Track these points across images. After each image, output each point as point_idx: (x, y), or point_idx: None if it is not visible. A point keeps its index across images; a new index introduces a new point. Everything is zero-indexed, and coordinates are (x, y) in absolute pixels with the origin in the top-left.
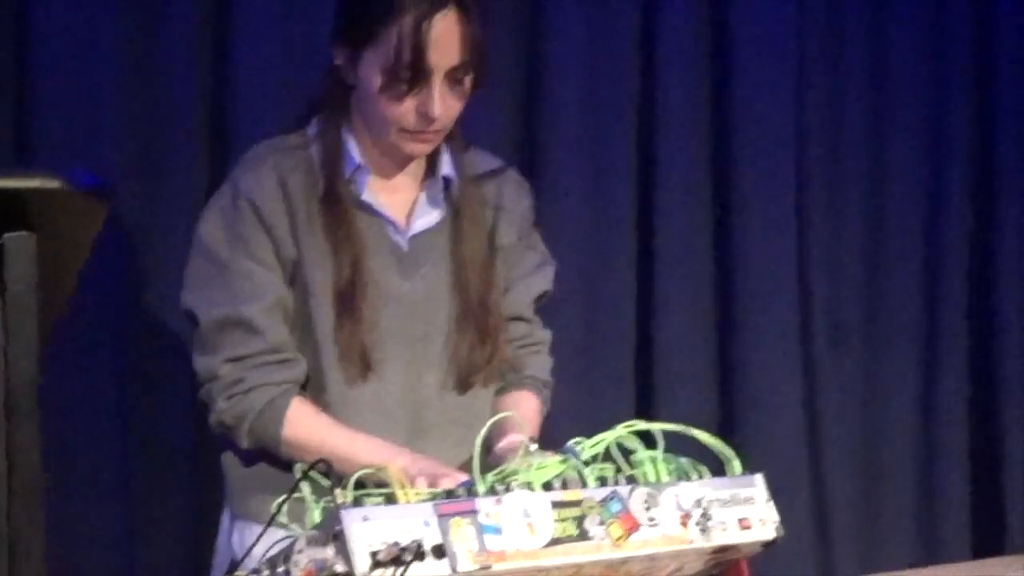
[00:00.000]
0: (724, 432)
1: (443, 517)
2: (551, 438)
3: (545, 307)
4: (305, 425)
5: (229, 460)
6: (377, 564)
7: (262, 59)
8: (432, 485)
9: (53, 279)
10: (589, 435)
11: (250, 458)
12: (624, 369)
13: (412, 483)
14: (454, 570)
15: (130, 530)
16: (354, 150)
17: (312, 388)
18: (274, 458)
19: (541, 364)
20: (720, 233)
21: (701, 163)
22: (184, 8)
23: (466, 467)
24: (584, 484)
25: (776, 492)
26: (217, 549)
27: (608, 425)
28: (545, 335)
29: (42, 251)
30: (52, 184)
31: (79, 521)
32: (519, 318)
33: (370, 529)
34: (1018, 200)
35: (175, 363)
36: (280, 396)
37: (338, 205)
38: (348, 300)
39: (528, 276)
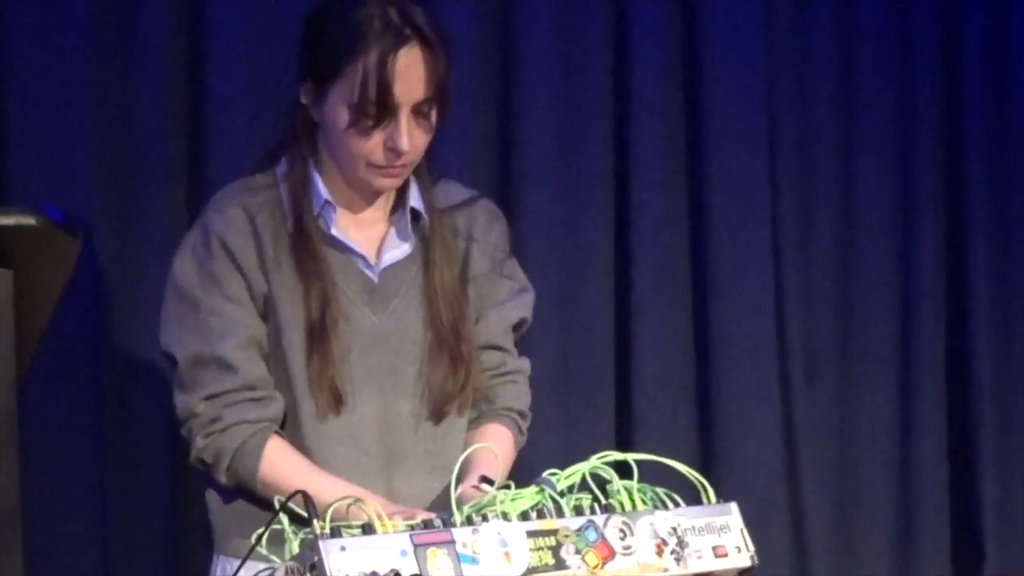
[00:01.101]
0: (703, 463)
1: (420, 547)
2: (530, 467)
3: (521, 339)
4: (281, 465)
5: (212, 497)
6: None
7: (236, 95)
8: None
9: (29, 314)
10: (567, 465)
11: (230, 495)
12: (602, 400)
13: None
14: None
15: (107, 563)
16: (321, 186)
17: (288, 422)
18: (253, 495)
19: (516, 394)
20: (697, 264)
21: (677, 196)
22: (158, 45)
23: (440, 501)
24: (560, 513)
25: (754, 522)
26: None
27: (587, 455)
28: (521, 364)
29: (18, 287)
30: (28, 221)
31: (56, 553)
32: (493, 347)
33: (348, 559)
34: (990, 229)
35: (151, 397)
36: (257, 435)
37: (307, 241)
38: (319, 335)
39: (502, 304)
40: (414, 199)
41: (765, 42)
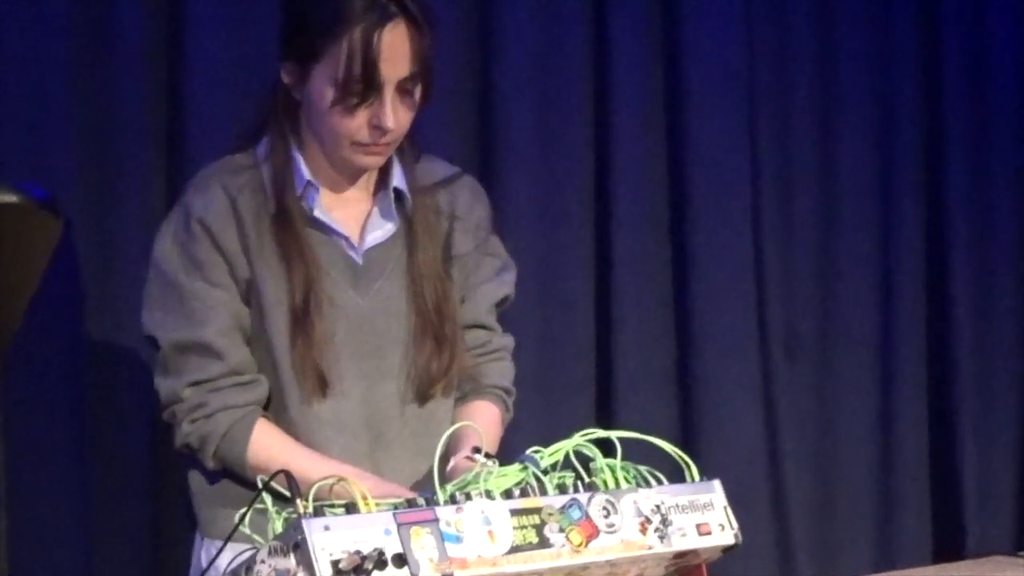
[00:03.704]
0: (684, 441)
1: (404, 526)
2: (511, 446)
3: (503, 315)
4: (269, 447)
5: (195, 480)
6: (338, 573)
7: (216, 75)
8: None
9: (10, 292)
10: (548, 444)
11: (216, 477)
12: (583, 378)
13: None
14: None
15: (88, 546)
16: (303, 167)
17: (273, 406)
18: (239, 477)
19: (501, 371)
20: (677, 243)
21: (657, 176)
22: (136, 24)
23: (426, 481)
24: (544, 492)
25: (736, 500)
26: (192, 568)
27: (567, 434)
28: (506, 341)
29: (0, 265)
30: (11, 198)
31: (37, 537)
32: (478, 325)
33: (331, 538)
34: (970, 209)
35: (132, 378)
36: (244, 418)
37: (290, 223)
38: (302, 318)
39: (486, 283)
40: (397, 179)
41: (745, 14)
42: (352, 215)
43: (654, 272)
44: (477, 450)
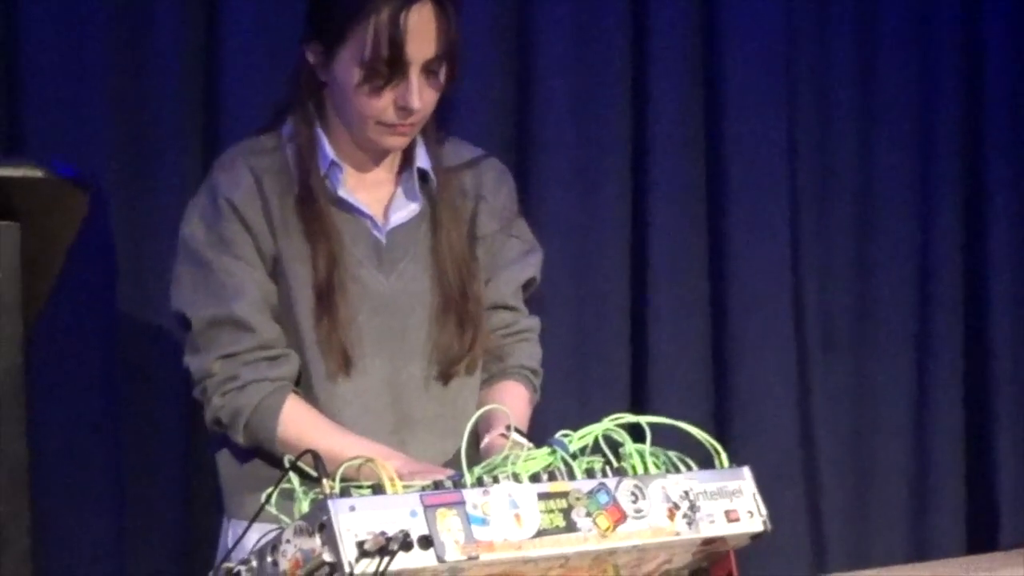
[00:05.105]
0: (718, 433)
1: (430, 508)
2: (542, 432)
3: (537, 302)
4: (300, 424)
5: (223, 461)
6: (364, 554)
7: (252, 55)
8: None
9: (37, 269)
10: (581, 428)
11: (246, 455)
12: (617, 368)
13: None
14: (441, 560)
15: (120, 530)
16: (328, 147)
17: (300, 384)
18: (269, 455)
19: (528, 352)
20: (714, 235)
21: (695, 163)
22: (173, 7)
23: (453, 461)
24: (572, 476)
25: (769, 490)
26: (219, 550)
27: (600, 420)
28: (532, 323)
29: (26, 240)
30: (36, 173)
31: (68, 522)
32: (503, 306)
33: (357, 519)
34: (1009, 203)
35: (163, 360)
36: (275, 393)
37: (314, 202)
38: (327, 296)
39: (512, 264)
40: (421, 159)
41: (785, 9)
42: (376, 196)
43: (690, 264)
44: (510, 428)
